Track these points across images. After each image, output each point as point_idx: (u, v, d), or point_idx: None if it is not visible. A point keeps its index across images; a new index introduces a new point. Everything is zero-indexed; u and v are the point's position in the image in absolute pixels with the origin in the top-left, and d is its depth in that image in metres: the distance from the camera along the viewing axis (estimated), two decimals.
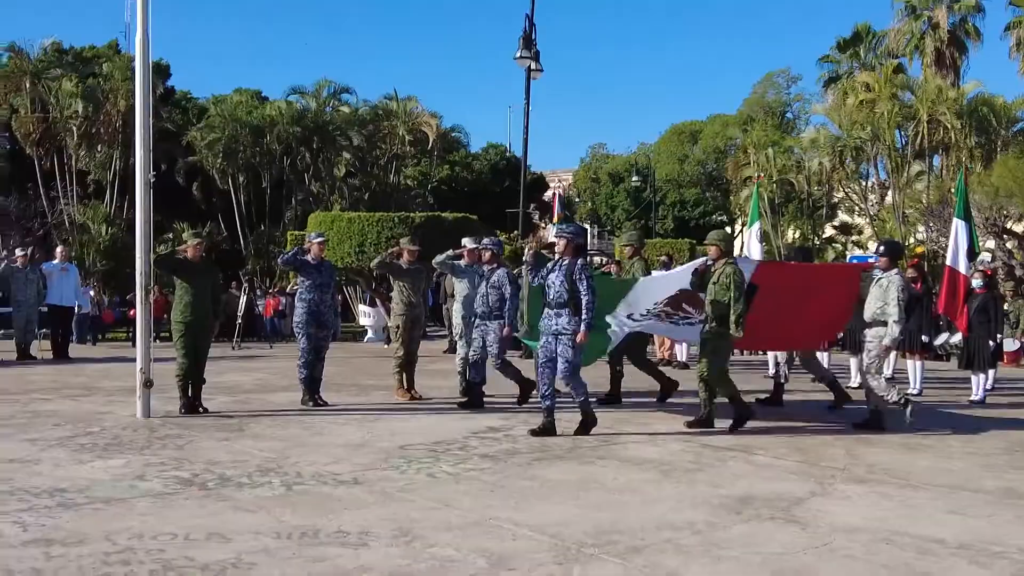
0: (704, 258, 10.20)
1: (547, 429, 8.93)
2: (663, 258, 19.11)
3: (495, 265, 10.97)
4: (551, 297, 8.95)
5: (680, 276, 10.73)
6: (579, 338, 8.78)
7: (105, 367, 15.43)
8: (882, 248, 10.43)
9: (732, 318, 9.30)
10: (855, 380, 13.91)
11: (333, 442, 8.49)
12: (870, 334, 10.03)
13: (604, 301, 9.87)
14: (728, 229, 52.94)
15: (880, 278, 10.02)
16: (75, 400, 11.15)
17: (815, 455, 8.33)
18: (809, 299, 10.77)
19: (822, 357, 15.11)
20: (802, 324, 11.02)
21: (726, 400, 9.61)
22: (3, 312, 18.28)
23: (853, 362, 13.92)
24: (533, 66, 21.26)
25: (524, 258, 9.50)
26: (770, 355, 16.18)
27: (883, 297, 9.82)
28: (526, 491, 6.74)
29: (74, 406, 10.63)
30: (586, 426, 9.05)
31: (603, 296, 9.65)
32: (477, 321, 11.00)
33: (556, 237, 9.29)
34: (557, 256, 9.21)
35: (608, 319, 10.40)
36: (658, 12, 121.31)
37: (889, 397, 9.87)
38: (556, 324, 8.87)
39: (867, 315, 10.04)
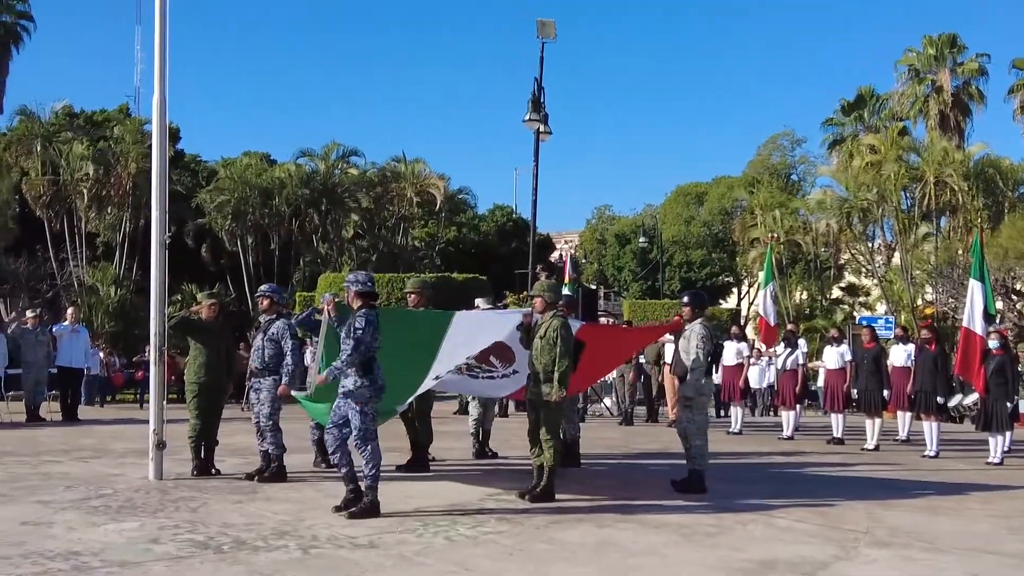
0: (528, 309, 9.39)
1: (351, 502, 7.91)
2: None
3: (274, 315, 9.98)
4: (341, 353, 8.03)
5: (498, 324, 9.82)
6: (318, 379, 8.10)
7: (115, 429, 15.36)
8: (686, 299, 10.17)
9: (556, 375, 8.59)
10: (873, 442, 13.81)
11: None
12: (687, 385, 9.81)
13: (415, 351, 9.05)
14: (735, 290, 53.01)
15: (685, 330, 9.91)
16: (86, 462, 11.06)
17: (836, 518, 8.22)
18: (609, 352, 11.39)
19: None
20: (586, 374, 10.76)
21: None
22: (13, 373, 18.25)
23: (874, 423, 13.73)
24: (542, 128, 21.35)
25: (326, 307, 8.56)
26: (783, 417, 16.12)
27: (687, 348, 9.70)
28: (544, 554, 6.64)
29: (85, 468, 10.54)
30: (365, 510, 7.75)
31: (414, 344, 8.94)
32: (252, 379, 10.06)
33: (345, 287, 8.26)
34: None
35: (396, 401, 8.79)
36: (660, 76, 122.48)
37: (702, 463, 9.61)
38: (343, 384, 7.94)
39: (681, 369, 9.77)
